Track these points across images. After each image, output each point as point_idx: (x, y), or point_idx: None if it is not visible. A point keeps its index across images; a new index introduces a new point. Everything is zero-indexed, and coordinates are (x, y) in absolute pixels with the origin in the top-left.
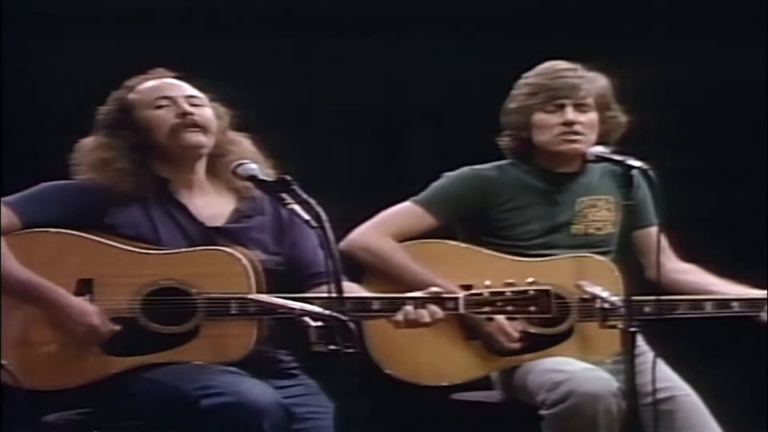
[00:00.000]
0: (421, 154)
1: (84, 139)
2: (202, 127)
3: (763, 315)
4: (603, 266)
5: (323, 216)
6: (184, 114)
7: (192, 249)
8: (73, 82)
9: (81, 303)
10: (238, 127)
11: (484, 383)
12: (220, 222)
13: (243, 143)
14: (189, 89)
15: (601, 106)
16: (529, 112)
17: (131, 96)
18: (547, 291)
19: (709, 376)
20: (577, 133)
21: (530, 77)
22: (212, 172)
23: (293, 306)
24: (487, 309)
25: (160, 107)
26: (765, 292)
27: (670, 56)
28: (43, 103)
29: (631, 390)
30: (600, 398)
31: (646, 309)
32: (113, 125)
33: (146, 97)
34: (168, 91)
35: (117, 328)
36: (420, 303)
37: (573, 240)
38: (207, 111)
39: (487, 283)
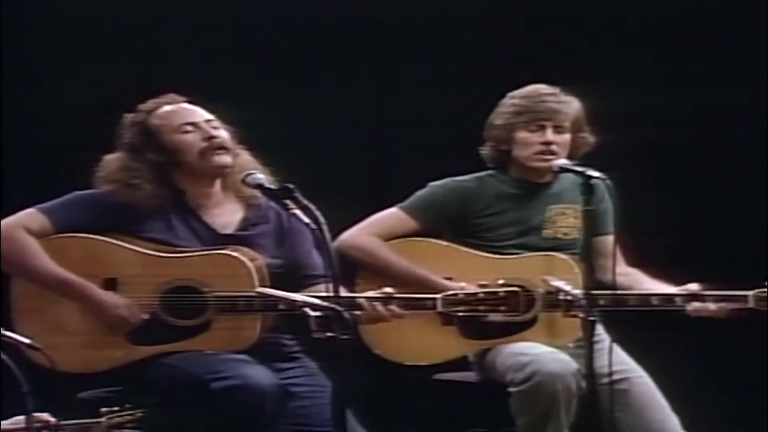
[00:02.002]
0: (409, 165)
1: (107, 156)
2: (226, 148)
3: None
4: (565, 264)
5: (321, 219)
6: (211, 137)
7: (204, 252)
8: (73, 88)
9: (112, 296)
10: (238, 141)
11: (463, 365)
12: (230, 229)
13: (243, 155)
14: (206, 114)
15: (575, 128)
16: (513, 129)
17: (154, 121)
18: (515, 292)
19: (660, 360)
20: (552, 152)
21: (516, 98)
22: (223, 183)
23: (295, 298)
24: (462, 308)
25: (186, 132)
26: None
27: (634, 81)
28: (44, 107)
29: (590, 372)
30: (561, 377)
31: (601, 302)
32: (138, 148)
33: (170, 122)
34: (190, 117)
35: (145, 317)
36: (385, 301)
37: (544, 242)
38: (224, 132)
39: (463, 284)
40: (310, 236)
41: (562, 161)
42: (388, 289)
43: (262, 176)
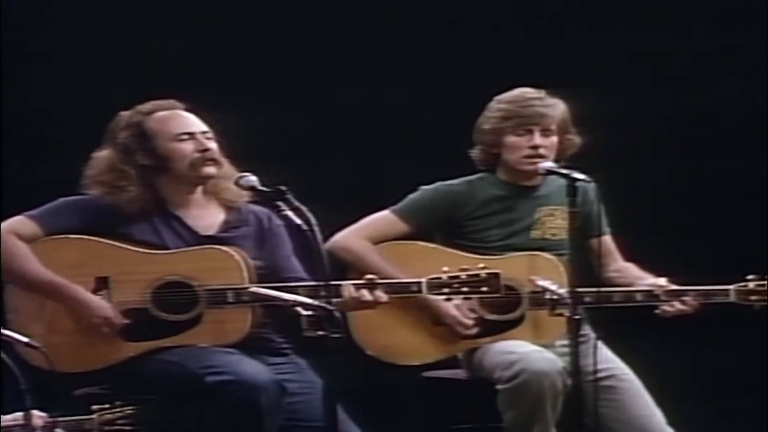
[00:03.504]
0: (399, 170)
1: (96, 154)
2: (215, 160)
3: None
4: (550, 263)
5: (313, 221)
6: (205, 150)
7: (192, 248)
8: (73, 87)
9: (98, 300)
10: (225, 152)
11: (452, 363)
12: (212, 231)
13: (225, 164)
14: (202, 125)
15: (562, 130)
16: (501, 133)
17: (152, 125)
18: (496, 274)
19: (646, 357)
20: (541, 155)
21: (503, 103)
22: (204, 188)
23: (288, 297)
24: (446, 290)
25: (181, 140)
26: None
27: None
28: (43, 108)
29: (575, 369)
30: (547, 375)
31: (587, 299)
32: (129, 149)
33: (168, 129)
34: (188, 127)
35: (127, 321)
36: (368, 287)
37: (532, 243)
38: (214, 144)
39: (445, 269)
40: (289, 240)
41: (549, 164)
42: (372, 276)
43: (254, 178)
